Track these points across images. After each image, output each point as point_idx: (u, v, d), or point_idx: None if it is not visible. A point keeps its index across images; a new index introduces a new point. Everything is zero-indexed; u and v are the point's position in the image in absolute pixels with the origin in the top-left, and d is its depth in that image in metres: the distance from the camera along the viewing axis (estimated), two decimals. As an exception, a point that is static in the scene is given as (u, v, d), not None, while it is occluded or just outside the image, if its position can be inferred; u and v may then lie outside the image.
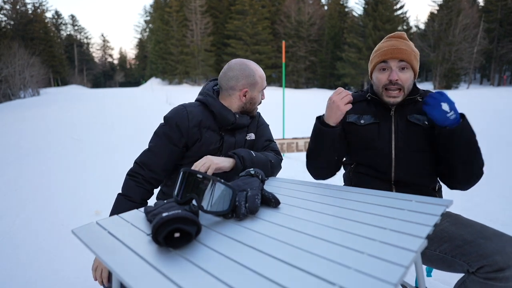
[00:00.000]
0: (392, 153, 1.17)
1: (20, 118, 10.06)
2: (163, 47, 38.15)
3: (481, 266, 0.88)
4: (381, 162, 1.19)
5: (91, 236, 0.74)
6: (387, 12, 30.54)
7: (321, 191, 0.98)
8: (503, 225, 2.35)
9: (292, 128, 6.98)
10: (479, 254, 0.90)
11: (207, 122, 1.24)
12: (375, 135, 1.20)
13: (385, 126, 1.19)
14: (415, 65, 1.16)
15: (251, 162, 1.15)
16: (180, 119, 1.20)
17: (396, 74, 1.13)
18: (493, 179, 3.39)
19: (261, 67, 1.34)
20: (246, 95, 1.27)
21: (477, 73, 38.99)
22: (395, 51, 1.13)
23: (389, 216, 0.72)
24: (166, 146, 1.20)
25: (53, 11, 68.12)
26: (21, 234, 2.45)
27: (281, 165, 1.35)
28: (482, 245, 0.91)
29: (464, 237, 0.97)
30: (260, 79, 1.28)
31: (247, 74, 1.25)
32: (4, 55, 24.46)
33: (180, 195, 0.81)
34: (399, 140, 1.16)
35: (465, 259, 0.93)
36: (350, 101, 1.14)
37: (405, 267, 0.50)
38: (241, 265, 0.56)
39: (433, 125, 1.09)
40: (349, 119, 1.27)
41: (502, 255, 0.86)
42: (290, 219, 0.76)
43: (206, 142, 1.23)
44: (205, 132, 1.22)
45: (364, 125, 1.23)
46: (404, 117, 1.17)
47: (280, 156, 1.38)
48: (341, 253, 0.57)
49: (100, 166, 4.51)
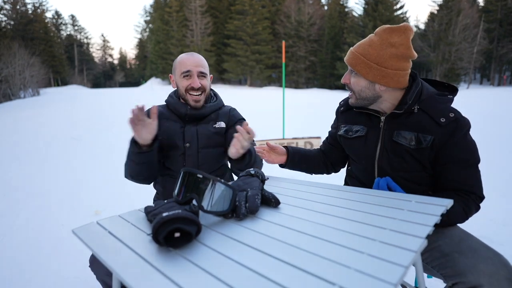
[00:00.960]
0: (375, 171, 1.13)
1: (20, 118, 10.06)
2: (163, 47, 38.16)
3: (455, 282, 0.85)
4: (365, 177, 1.18)
5: (92, 236, 0.74)
6: (387, 12, 30.57)
7: (322, 191, 0.98)
8: (503, 225, 2.35)
9: (292, 128, 6.98)
10: (454, 270, 0.87)
11: (167, 114, 1.36)
12: (361, 150, 1.17)
13: (372, 141, 1.13)
14: (363, 72, 1.04)
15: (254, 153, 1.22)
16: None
17: (346, 77, 1.12)
18: (493, 179, 3.39)
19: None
20: (174, 80, 1.38)
21: (477, 73, 39.00)
22: (348, 53, 1.10)
23: (389, 216, 0.72)
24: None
25: (53, 11, 68.11)
26: (21, 234, 2.45)
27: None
28: (456, 260, 0.88)
29: (442, 248, 0.94)
30: (178, 63, 1.34)
31: (174, 61, 1.38)
32: (4, 55, 24.44)
33: (181, 195, 0.81)
34: (383, 159, 1.10)
35: (442, 273, 0.91)
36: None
37: (405, 267, 0.50)
38: (241, 265, 0.57)
39: (420, 146, 1.00)
40: (340, 131, 1.26)
41: (473, 274, 0.82)
42: (290, 219, 0.76)
43: (167, 130, 1.31)
44: (164, 123, 1.32)
45: (352, 138, 1.20)
46: (391, 133, 1.08)
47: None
48: (341, 253, 0.57)
49: (100, 166, 4.51)
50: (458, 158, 0.98)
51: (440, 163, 1.01)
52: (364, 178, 1.19)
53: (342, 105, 1.31)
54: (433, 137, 0.99)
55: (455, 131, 0.97)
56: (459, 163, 0.98)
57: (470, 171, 0.99)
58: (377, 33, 1.04)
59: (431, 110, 1.02)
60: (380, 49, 1.01)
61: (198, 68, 1.33)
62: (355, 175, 1.25)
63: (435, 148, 1.00)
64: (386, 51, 1.00)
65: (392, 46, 1.00)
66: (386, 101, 1.09)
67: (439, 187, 1.05)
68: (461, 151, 0.98)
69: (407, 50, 1.01)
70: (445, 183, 1.02)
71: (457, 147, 0.98)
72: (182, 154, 1.31)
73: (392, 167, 1.07)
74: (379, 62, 1.01)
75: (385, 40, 1.01)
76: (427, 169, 1.04)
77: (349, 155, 1.29)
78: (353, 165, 1.26)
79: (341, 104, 1.32)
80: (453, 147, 0.98)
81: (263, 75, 34.73)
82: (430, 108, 1.02)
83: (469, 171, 0.99)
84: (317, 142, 5.33)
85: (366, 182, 1.18)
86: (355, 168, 1.24)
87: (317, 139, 5.34)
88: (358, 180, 1.23)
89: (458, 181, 0.99)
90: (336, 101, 1.83)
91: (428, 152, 1.00)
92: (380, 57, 1.01)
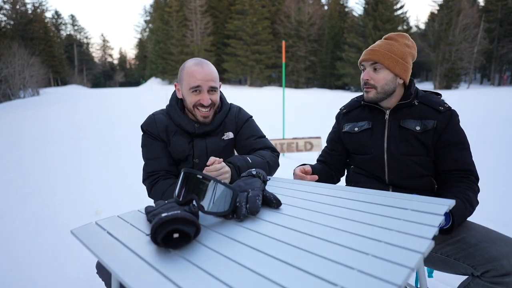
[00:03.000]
0: (385, 158, 1.21)
1: (20, 118, 10.06)
2: (163, 47, 38.15)
3: (487, 270, 0.87)
4: (374, 167, 1.24)
5: (91, 237, 0.74)
6: (387, 12, 30.55)
7: (323, 191, 0.97)
8: (504, 224, 2.34)
9: (292, 128, 6.97)
10: (484, 258, 0.89)
11: (173, 128, 1.27)
12: (368, 141, 1.25)
13: (379, 131, 1.24)
14: (390, 66, 1.17)
15: (247, 169, 1.12)
16: (149, 126, 1.28)
17: (367, 74, 1.21)
18: (493, 179, 3.39)
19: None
20: (180, 91, 1.26)
21: (477, 73, 38.97)
22: (367, 52, 1.21)
23: (393, 217, 0.71)
24: (157, 147, 1.26)
25: (53, 11, 68.18)
26: (21, 234, 2.45)
27: (278, 162, 1.35)
28: (487, 248, 0.91)
29: (468, 240, 0.97)
30: (187, 76, 1.19)
31: (181, 68, 1.25)
32: (4, 55, 24.43)
33: (181, 196, 0.80)
34: (391, 145, 1.20)
35: (470, 262, 0.92)
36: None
37: (411, 268, 0.49)
38: (241, 265, 0.56)
39: (426, 130, 1.15)
40: (344, 129, 1.34)
41: (509, 260, 0.85)
42: (291, 220, 0.76)
43: (175, 146, 1.26)
44: (172, 137, 1.26)
45: (358, 132, 1.29)
46: (397, 122, 1.20)
47: (276, 152, 1.37)
48: (344, 254, 0.57)
49: (100, 166, 4.51)
50: (457, 141, 1.14)
51: (441, 146, 1.15)
52: (373, 167, 1.24)
53: (345, 108, 1.40)
54: (436, 121, 1.15)
55: (451, 117, 1.15)
56: (458, 145, 1.14)
57: (468, 153, 1.14)
58: (391, 37, 1.22)
59: (429, 102, 1.19)
60: (401, 48, 1.19)
61: (209, 83, 1.19)
62: (363, 168, 1.29)
63: (438, 131, 1.14)
64: (405, 50, 1.19)
65: (407, 47, 1.21)
66: (394, 97, 1.23)
67: (443, 169, 1.15)
68: (458, 135, 1.15)
69: (416, 52, 1.24)
70: (449, 164, 1.14)
71: (455, 131, 1.15)
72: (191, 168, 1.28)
73: (401, 152, 1.18)
74: (402, 57, 1.18)
75: (401, 42, 1.20)
76: (430, 154, 1.17)
77: (352, 151, 1.34)
78: (359, 159, 1.30)
79: (342, 109, 1.42)
80: (452, 131, 1.14)
81: (263, 75, 34.70)
82: (428, 101, 1.19)
83: (466, 153, 1.14)
84: (317, 142, 5.32)
85: (375, 171, 1.24)
86: (362, 161, 1.29)
87: (317, 139, 5.33)
88: (364, 174, 1.28)
89: (460, 160, 1.12)
90: (336, 101, 1.83)
91: (432, 135, 1.15)
92: (402, 54, 1.19)
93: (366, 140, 1.26)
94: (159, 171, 1.25)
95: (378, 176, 1.24)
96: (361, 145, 1.28)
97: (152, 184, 1.23)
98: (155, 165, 1.25)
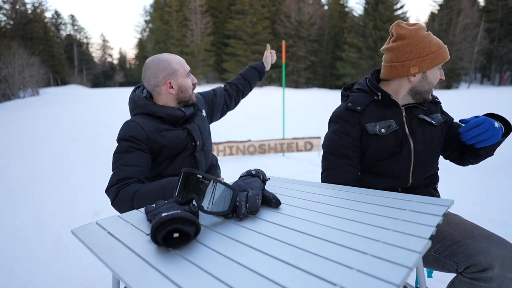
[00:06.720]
0: (412, 157, 1.12)
1: (20, 118, 10.06)
2: (163, 47, 38.13)
3: (467, 266, 0.88)
4: (398, 168, 1.13)
5: (91, 236, 0.74)
6: (387, 12, 30.54)
7: (323, 191, 0.97)
8: (504, 224, 2.34)
9: (292, 128, 6.97)
10: (465, 254, 0.90)
11: (162, 126, 1.23)
12: (397, 142, 1.13)
13: (402, 131, 1.13)
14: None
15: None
16: (134, 132, 1.17)
17: (443, 74, 1.18)
18: (493, 179, 3.39)
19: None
20: (173, 86, 1.26)
21: (477, 73, 38.96)
22: (446, 51, 1.12)
23: (391, 217, 0.71)
24: (139, 156, 1.16)
25: (52, 11, 68.20)
26: (21, 234, 2.45)
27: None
28: (468, 245, 0.91)
29: (454, 236, 0.97)
30: (178, 65, 1.27)
31: (162, 66, 1.24)
32: (3, 55, 24.43)
33: (181, 195, 0.80)
34: (417, 143, 1.12)
35: (454, 259, 0.93)
36: None
37: (409, 268, 0.49)
38: (241, 265, 0.56)
39: (439, 122, 1.18)
40: (371, 131, 1.13)
41: (486, 255, 0.85)
42: (291, 219, 0.76)
43: (173, 140, 1.23)
44: (166, 134, 1.22)
45: (387, 134, 1.13)
46: (414, 116, 1.15)
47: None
48: (343, 253, 0.57)
49: (100, 166, 4.51)
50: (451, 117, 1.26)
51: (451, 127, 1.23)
52: (397, 168, 1.13)
53: (359, 105, 1.16)
54: (439, 114, 1.21)
55: (440, 103, 1.26)
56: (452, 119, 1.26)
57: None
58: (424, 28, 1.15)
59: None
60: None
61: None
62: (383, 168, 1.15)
63: (445, 118, 1.21)
64: None
65: None
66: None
67: (460, 141, 1.20)
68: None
69: None
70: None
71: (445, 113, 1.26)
72: (190, 154, 1.28)
73: (425, 148, 1.16)
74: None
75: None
76: (440, 148, 1.21)
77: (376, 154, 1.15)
78: (377, 166, 1.16)
79: (354, 106, 1.16)
80: (445, 113, 1.26)
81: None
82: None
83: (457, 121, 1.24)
84: (317, 142, 5.32)
85: (398, 173, 1.14)
86: (379, 166, 1.16)
87: (317, 139, 5.33)
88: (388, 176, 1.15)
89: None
90: (336, 101, 1.82)
91: (444, 125, 1.21)
92: None
93: (395, 140, 1.13)
94: (133, 178, 1.12)
95: (398, 178, 1.14)
96: (389, 146, 1.13)
97: (120, 188, 1.10)
98: (132, 171, 1.12)
